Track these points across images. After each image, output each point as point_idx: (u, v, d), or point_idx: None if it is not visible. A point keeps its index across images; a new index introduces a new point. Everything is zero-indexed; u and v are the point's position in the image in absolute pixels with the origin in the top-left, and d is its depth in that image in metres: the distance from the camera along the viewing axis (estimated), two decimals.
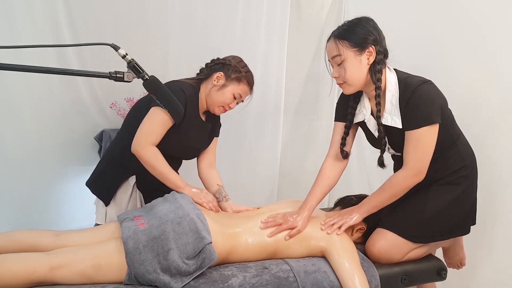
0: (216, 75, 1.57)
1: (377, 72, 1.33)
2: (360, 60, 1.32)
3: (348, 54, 1.32)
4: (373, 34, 1.32)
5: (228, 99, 1.58)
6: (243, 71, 1.59)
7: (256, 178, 2.69)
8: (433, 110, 1.28)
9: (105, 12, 2.08)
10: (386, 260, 1.41)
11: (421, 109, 1.28)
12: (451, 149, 1.39)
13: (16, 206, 1.97)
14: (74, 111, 2.13)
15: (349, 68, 1.33)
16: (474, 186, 1.45)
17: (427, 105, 1.28)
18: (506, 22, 1.63)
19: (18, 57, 1.78)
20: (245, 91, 1.61)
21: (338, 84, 1.41)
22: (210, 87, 1.58)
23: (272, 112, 2.67)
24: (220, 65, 1.60)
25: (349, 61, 1.32)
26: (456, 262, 1.64)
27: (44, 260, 1.13)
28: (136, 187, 1.61)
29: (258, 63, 2.51)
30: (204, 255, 1.17)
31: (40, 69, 0.95)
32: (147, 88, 1.08)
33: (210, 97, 1.58)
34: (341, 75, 1.35)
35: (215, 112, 1.63)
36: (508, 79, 1.62)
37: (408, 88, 1.31)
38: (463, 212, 1.41)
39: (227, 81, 1.57)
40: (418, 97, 1.28)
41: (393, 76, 1.36)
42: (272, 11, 2.53)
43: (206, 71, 1.63)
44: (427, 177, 1.40)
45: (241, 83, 1.58)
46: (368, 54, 1.32)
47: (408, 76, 1.36)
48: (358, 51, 1.32)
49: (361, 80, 1.35)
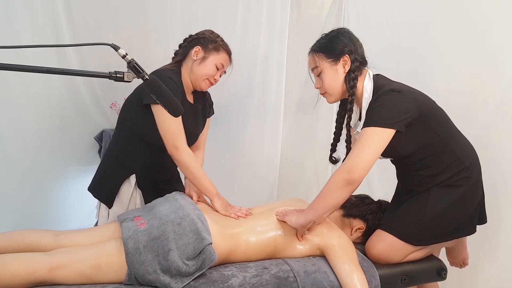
0: (194, 50, 1.57)
1: (351, 80, 1.37)
2: (336, 70, 1.38)
3: (324, 65, 1.40)
4: (347, 45, 1.37)
5: (212, 70, 1.57)
6: (219, 40, 1.59)
7: (256, 178, 2.69)
8: (389, 115, 1.26)
9: (105, 12, 2.08)
10: (385, 262, 1.41)
11: (376, 111, 1.29)
12: (445, 153, 1.37)
13: (16, 206, 1.97)
14: (74, 111, 2.13)
15: (326, 78, 1.40)
16: (478, 186, 1.43)
17: (381, 109, 1.27)
18: (506, 22, 1.63)
19: (18, 57, 1.78)
20: (226, 59, 1.61)
21: (321, 95, 1.47)
22: (191, 64, 1.57)
23: (272, 112, 2.66)
24: (194, 40, 1.60)
25: (325, 72, 1.40)
26: (459, 262, 1.64)
27: (44, 260, 1.13)
28: (136, 186, 1.61)
29: (258, 63, 2.51)
30: (204, 256, 1.17)
31: (40, 69, 0.95)
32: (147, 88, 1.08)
33: (193, 73, 1.57)
34: (321, 86, 1.43)
35: (202, 88, 1.61)
36: (508, 79, 1.62)
37: (376, 94, 1.33)
38: (467, 213, 1.39)
39: (206, 53, 1.57)
40: (378, 102, 1.30)
41: (370, 83, 1.37)
42: (272, 11, 2.53)
43: (182, 51, 1.62)
44: (427, 182, 1.39)
45: (220, 52, 1.58)
46: (343, 63, 1.38)
47: (385, 84, 1.36)
48: (333, 61, 1.38)
49: (339, 88, 1.40)
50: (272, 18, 2.54)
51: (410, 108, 1.28)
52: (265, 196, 2.74)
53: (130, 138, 1.57)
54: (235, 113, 1.87)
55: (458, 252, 1.61)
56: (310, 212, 1.31)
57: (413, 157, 1.38)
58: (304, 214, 1.32)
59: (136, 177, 1.59)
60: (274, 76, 2.61)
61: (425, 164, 1.37)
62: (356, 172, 1.23)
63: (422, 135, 1.32)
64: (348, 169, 1.24)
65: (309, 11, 2.75)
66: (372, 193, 1.71)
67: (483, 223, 1.49)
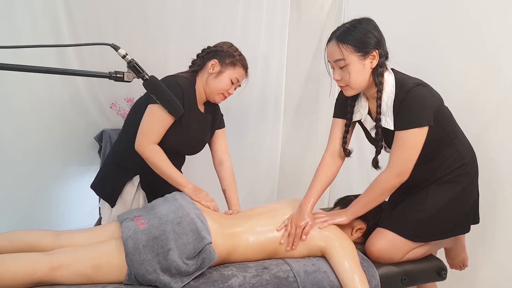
0: (211, 63, 1.57)
1: (379, 75, 1.33)
2: (364, 65, 1.32)
3: (352, 59, 1.30)
4: (375, 37, 1.31)
5: (227, 85, 1.58)
6: (236, 54, 1.60)
7: (256, 178, 2.69)
8: (425, 113, 1.27)
9: (105, 12, 2.08)
10: (386, 260, 1.40)
11: (413, 111, 1.28)
12: (449, 148, 1.39)
13: (16, 206, 1.97)
14: (74, 111, 2.13)
15: (353, 72, 1.31)
16: (474, 184, 1.45)
17: (418, 108, 1.28)
18: (506, 21, 1.62)
19: (18, 57, 1.77)
20: (241, 74, 1.62)
21: (339, 86, 1.41)
22: (207, 76, 1.58)
23: (272, 112, 2.67)
24: (212, 52, 1.60)
25: (353, 66, 1.31)
26: (458, 263, 1.64)
27: (44, 260, 1.13)
28: (140, 187, 1.61)
29: (258, 63, 2.51)
30: (204, 255, 1.17)
31: (40, 69, 0.95)
32: (147, 88, 1.08)
33: (208, 85, 1.58)
34: (344, 79, 1.34)
35: (215, 101, 1.63)
36: (508, 78, 1.62)
37: (403, 90, 1.31)
38: (464, 211, 1.41)
39: (222, 67, 1.57)
40: (412, 99, 1.29)
41: (391, 77, 1.36)
42: (272, 11, 2.53)
43: (199, 62, 1.63)
44: (427, 177, 1.40)
45: (236, 67, 1.59)
46: (371, 58, 1.32)
47: (405, 78, 1.36)
48: (362, 55, 1.30)
49: (364, 83, 1.35)
50: (272, 18, 2.54)
51: (436, 101, 1.32)
52: (265, 196, 2.75)
53: None
54: (235, 113, 1.88)
55: (456, 253, 1.62)
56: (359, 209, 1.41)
57: None
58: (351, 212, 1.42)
59: (139, 178, 1.60)
60: (274, 76, 2.62)
61: (429, 158, 1.37)
62: (405, 175, 1.31)
63: (434, 128, 1.32)
64: (398, 173, 1.31)
65: (309, 11, 2.75)
66: None
67: (476, 223, 1.50)
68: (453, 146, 1.39)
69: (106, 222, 1.59)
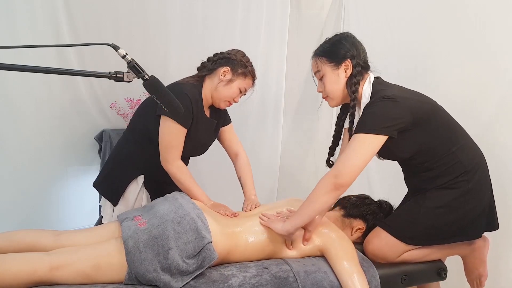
0: (223, 70, 1.56)
1: (353, 84, 1.36)
2: (337, 74, 1.38)
3: (326, 69, 1.40)
4: (350, 49, 1.37)
5: (235, 94, 1.59)
6: (248, 65, 1.61)
7: (257, 178, 2.67)
8: (379, 122, 1.26)
9: (105, 12, 2.08)
10: (381, 258, 1.41)
11: (366, 117, 1.29)
12: (447, 157, 1.35)
13: (16, 206, 1.97)
14: (74, 111, 2.13)
15: (327, 83, 1.40)
16: (480, 190, 1.38)
17: (372, 116, 1.28)
18: (507, 21, 1.63)
19: (18, 57, 1.78)
20: (250, 85, 1.64)
21: (323, 98, 1.47)
22: (217, 82, 1.58)
23: (272, 112, 2.67)
24: (225, 59, 1.59)
25: (327, 76, 1.40)
26: (474, 279, 1.53)
27: (44, 260, 1.13)
28: (144, 187, 1.61)
29: (258, 63, 2.51)
30: (204, 254, 1.17)
31: (40, 69, 0.95)
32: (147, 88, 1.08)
33: (217, 92, 1.58)
34: (324, 90, 1.43)
35: (221, 107, 1.63)
36: (509, 78, 1.62)
37: (371, 100, 1.33)
38: (466, 217, 1.37)
39: (234, 76, 1.57)
40: (370, 108, 1.30)
41: (369, 88, 1.37)
42: (272, 11, 2.53)
43: (209, 66, 1.62)
44: (428, 185, 1.39)
45: (246, 78, 1.60)
46: (345, 67, 1.37)
47: (383, 89, 1.35)
48: (334, 65, 1.38)
49: (340, 92, 1.40)
50: (272, 18, 2.54)
51: (402, 114, 1.28)
52: (265, 196, 2.74)
53: (141, 140, 1.57)
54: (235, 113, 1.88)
55: (474, 266, 1.51)
56: (297, 218, 1.29)
57: (414, 160, 1.38)
58: (290, 221, 1.29)
59: (144, 178, 1.60)
60: (274, 76, 2.62)
61: (426, 167, 1.38)
62: (343, 177, 1.24)
63: (420, 139, 1.32)
64: (336, 174, 1.25)
65: (309, 11, 2.76)
66: (372, 193, 1.71)
67: (493, 229, 1.44)
68: (453, 155, 1.35)
69: (107, 221, 1.59)
